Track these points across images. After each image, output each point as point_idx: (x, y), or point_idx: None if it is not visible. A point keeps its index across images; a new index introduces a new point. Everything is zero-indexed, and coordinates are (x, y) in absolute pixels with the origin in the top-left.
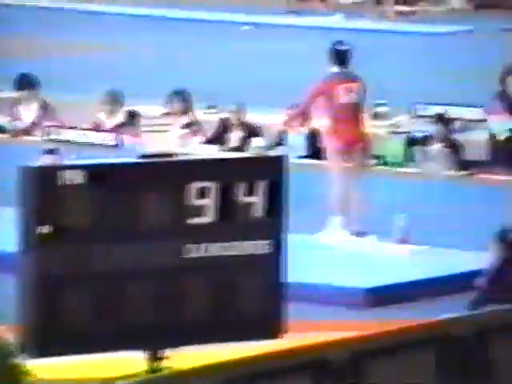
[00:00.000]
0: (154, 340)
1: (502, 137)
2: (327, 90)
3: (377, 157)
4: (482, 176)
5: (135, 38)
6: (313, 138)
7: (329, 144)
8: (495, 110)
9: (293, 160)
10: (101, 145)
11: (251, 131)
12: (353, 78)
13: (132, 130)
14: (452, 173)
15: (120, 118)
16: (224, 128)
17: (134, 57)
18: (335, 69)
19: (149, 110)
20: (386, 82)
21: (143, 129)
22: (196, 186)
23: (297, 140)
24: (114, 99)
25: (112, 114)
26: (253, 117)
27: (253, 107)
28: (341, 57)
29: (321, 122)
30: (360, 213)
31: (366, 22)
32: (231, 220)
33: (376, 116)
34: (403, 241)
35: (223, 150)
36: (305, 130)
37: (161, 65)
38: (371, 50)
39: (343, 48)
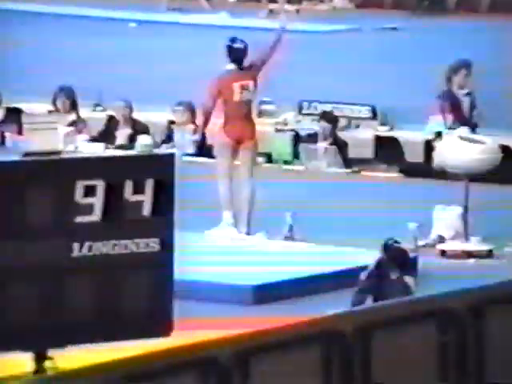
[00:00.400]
0: (39, 340)
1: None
2: (222, 87)
3: (263, 154)
4: (367, 173)
5: (19, 33)
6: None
7: (218, 140)
8: (436, 109)
9: (181, 157)
10: None
11: (138, 129)
12: (248, 76)
13: (14, 127)
14: (337, 170)
15: None
16: (111, 125)
17: (16, 52)
18: (231, 66)
19: (33, 107)
20: (273, 79)
21: (26, 126)
22: (82, 184)
23: (184, 137)
24: None
25: None
26: (140, 114)
27: (140, 104)
28: (236, 54)
29: (214, 119)
30: (249, 211)
31: (252, 19)
32: (118, 219)
33: (262, 113)
34: (290, 239)
35: (109, 148)
36: (189, 127)
37: (45, 61)
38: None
39: (237, 46)
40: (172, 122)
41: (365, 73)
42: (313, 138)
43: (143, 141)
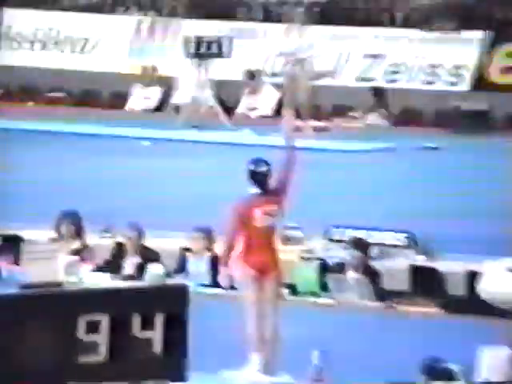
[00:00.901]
0: None
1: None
2: (244, 212)
3: (288, 285)
4: (403, 307)
5: (18, 153)
6: (214, 263)
7: (240, 272)
8: None
9: (195, 288)
10: None
11: (149, 257)
12: (273, 200)
13: (10, 257)
14: (370, 304)
15: None
16: (118, 254)
17: (16, 174)
18: (253, 190)
19: (34, 234)
20: (298, 201)
21: (25, 255)
22: (85, 319)
23: (198, 266)
24: None
25: None
26: (151, 241)
27: (152, 230)
28: (258, 178)
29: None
30: (271, 351)
31: (278, 137)
32: (124, 358)
33: (287, 240)
34: (319, 382)
35: (117, 279)
36: (205, 255)
37: (49, 184)
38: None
39: (260, 169)
40: (186, 250)
41: (400, 196)
42: (342, 267)
43: (154, 270)
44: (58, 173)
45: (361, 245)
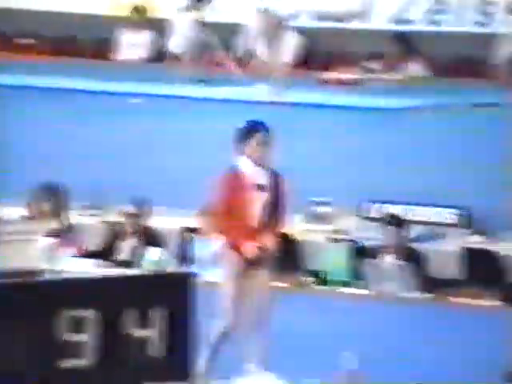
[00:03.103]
0: None
1: None
2: (236, 186)
3: (313, 273)
4: (455, 299)
5: None
6: None
7: (226, 258)
8: None
9: (203, 277)
10: None
11: (147, 239)
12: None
13: None
14: (414, 295)
15: None
16: (110, 235)
17: None
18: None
19: (5, 212)
20: (323, 170)
21: None
22: (68, 316)
23: (208, 249)
24: None
25: None
26: (150, 220)
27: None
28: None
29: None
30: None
31: (302, 93)
32: (116, 362)
33: (313, 218)
34: None
35: (108, 266)
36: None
37: (22, 151)
38: (304, 129)
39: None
40: (191, 230)
41: (449, 164)
42: (378, 250)
43: (152, 255)
44: (30, 137)
45: (399, 223)
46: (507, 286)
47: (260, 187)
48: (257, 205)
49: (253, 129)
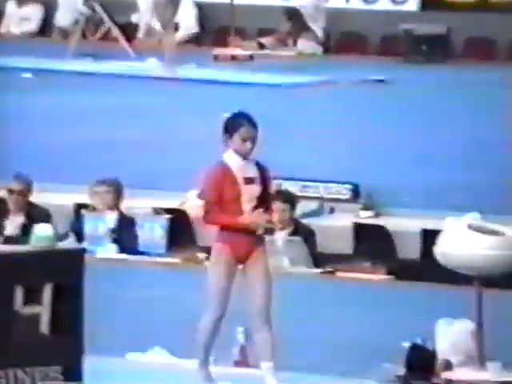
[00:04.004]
0: None
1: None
2: (223, 180)
3: (207, 249)
4: (345, 274)
5: None
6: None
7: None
8: None
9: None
10: None
11: (35, 215)
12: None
13: None
14: (304, 270)
15: None
16: None
17: None
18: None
19: None
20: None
21: None
22: None
23: (99, 226)
24: None
25: None
26: (38, 196)
27: (38, 182)
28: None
29: None
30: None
31: (194, 68)
32: (3, 340)
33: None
34: (243, 364)
35: None
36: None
37: None
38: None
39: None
40: (82, 206)
41: (339, 139)
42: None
43: (41, 231)
44: None
45: (286, 198)
46: (396, 260)
47: (248, 180)
48: (246, 198)
49: (237, 123)
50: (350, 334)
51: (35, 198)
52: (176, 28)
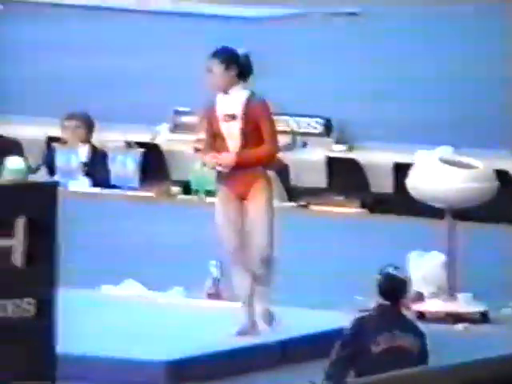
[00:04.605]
0: None
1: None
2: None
3: (179, 183)
4: (318, 208)
5: None
6: (94, 157)
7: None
8: None
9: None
10: None
11: (6, 148)
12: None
13: None
14: (277, 204)
15: None
16: None
17: None
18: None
19: None
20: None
21: None
22: None
23: (70, 159)
24: None
25: None
26: (8, 128)
27: (8, 114)
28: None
29: None
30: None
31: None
32: None
33: (178, 128)
34: (216, 296)
35: None
36: (80, 147)
37: None
38: (165, 39)
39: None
40: (54, 139)
41: (312, 73)
42: None
43: (12, 164)
44: None
45: None
46: (369, 193)
47: (228, 117)
48: (226, 135)
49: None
50: (324, 266)
51: (3, 130)
52: None
